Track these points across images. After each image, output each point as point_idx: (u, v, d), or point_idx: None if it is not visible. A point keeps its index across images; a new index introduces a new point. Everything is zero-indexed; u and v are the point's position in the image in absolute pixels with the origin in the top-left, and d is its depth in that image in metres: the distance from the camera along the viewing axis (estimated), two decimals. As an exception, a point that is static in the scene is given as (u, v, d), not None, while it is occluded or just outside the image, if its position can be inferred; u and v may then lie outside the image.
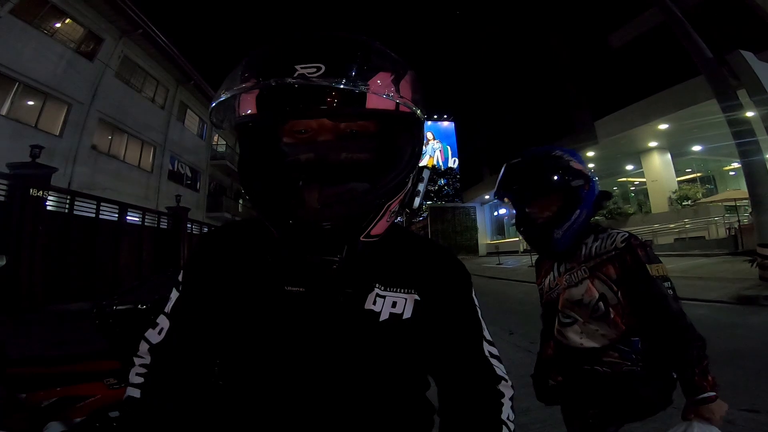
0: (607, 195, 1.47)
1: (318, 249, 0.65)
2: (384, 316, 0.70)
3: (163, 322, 0.76)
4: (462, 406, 0.76)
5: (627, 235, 1.34)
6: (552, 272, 1.49)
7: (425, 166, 0.75)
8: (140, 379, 0.74)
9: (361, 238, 0.67)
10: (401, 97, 0.64)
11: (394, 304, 0.71)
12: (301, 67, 0.57)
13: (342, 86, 0.57)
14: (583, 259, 1.37)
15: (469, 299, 0.81)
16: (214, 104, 0.64)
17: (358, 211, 0.64)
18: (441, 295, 0.76)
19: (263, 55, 0.64)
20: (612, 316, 1.31)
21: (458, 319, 0.78)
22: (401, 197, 0.70)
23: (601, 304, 1.32)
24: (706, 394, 1.17)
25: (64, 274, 8.23)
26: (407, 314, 0.71)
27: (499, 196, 1.50)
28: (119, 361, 2.18)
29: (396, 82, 0.65)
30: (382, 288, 0.72)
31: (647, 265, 1.28)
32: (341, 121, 0.65)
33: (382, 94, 0.61)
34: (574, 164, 1.38)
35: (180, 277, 0.79)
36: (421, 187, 0.74)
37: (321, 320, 0.69)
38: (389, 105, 0.63)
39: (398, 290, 0.72)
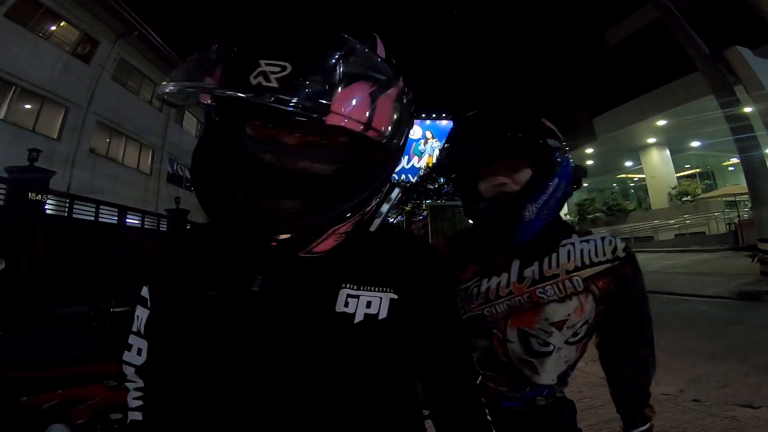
0: (582, 170, 1.12)
1: (248, 263, 0.63)
2: (359, 318, 0.64)
3: (138, 342, 0.74)
4: (453, 407, 0.74)
5: (623, 241, 1.06)
6: (507, 273, 1.06)
7: (397, 184, 0.70)
8: (139, 402, 0.73)
9: (301, 254, 0.64)
10: (369, 125, 0.56)
11: (368, 304, 0.65)
12: (266, 63, 0.51)
13: (292, 107, 0.50)
14: (575, 267, 1.03)
15: (450, 292, 0.78)
16: (159, 92, 0.56)
17: (299, 233, 0.60)
18: (420, 291, 0.70)
19: (228, 41, 0.57)
20: (586, 340, 1.05)
21: (440, 315, 0.74)
22: (357, 219, 0.65)
23: (585, 326, 1.03)
24: (650, 423, 1.04)
25: (64, 278, 8.23)
26: (383, 314, 0.65)
27: (449, 168, 1.10)
28: (118, 364, 2.18)
29: (375, 96, 0.57)
30: (354, 287, 0.66)
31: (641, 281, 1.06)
32: (299, 132, 0.59)
33: (341, 120, 0.54)
34: (547, 123, 1.05)
35: (145, 293, 0.75)
36: (384, 208, 0.68)
37: (275, 327, 0.63)
38: (355, 126, 0.55)
39: (372, 289, 0.66)
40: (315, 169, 0.60)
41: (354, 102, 0.55)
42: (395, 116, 0.61)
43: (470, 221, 1.12)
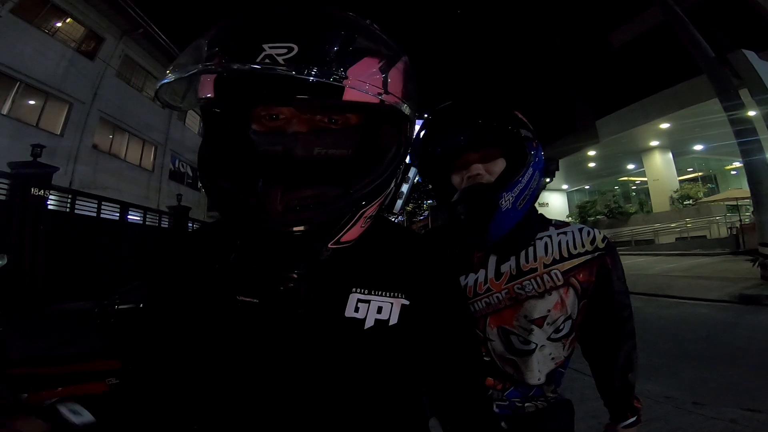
0: (555, 163, 1.11)
1: (275, 261, 0.59)
2: (369, 323, 0.61)
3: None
4: (463, 415, 0.70)
5: (602, 232, 1.06)
6: (484, 269, 1.02)
7: (412, 164, 0.67)
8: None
9: (330, 245, 0.60)
10: (386, 91, 0.56)
11: (379, 310, 0.62)
12: (270, 47, 0.48)
13: (313, 77, 0.48)
14: (553, 260, 1.00)
15: (461, 298, 0.74)
16: (159, 84, 0.54)
17: (326, 219, 0.57)
18: (431, 297, 0.67)
19: (227, 28, 0.55)
20: (573, 335, 1.02)
21: (452, 322, 0.70)
22: (380, 201, 0.63)
23: (568, 322, 1.00)
24: (636, 416, 1.05)
25: (65, 274, 8.25)
26: (393, 320, 0.62)
27: (423, 160, 1.02)
28: (120, 361, 2.19)
29: (384, 70, 0.56)
30: (365, 291, 0.63)
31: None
32: (314, 113, 0.57)
33: (362, 86, 0.53)
34: (519, 114, 1.03)
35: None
36: (404, 188, 0.67)
37: (279, 334, 0.60)
38: (372, 97, 0.54)
39: (383, 293, 0.63)
40: (332, 153, 0.57)
41: (366, 75, 0.54)
42: (406, 86, 0.60)
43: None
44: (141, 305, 2.47)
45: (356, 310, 0.62)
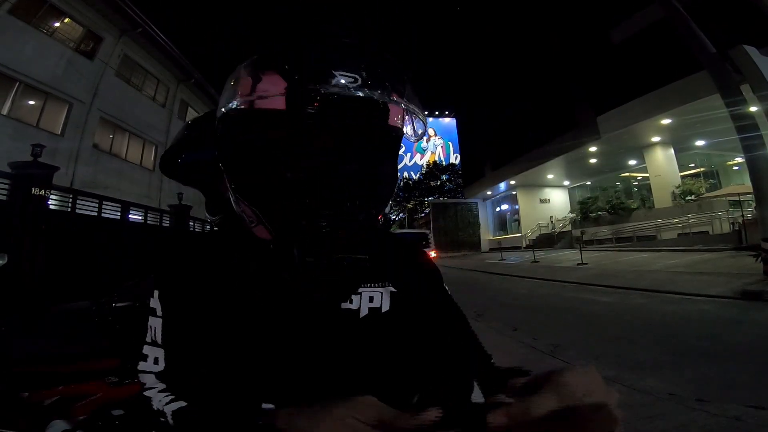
0: None
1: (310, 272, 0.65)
2: (364, 312, 0.69)
3: (155, 351, 0.70)
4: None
5: None
6: None
7: None
8: (170, 396, 0.66)
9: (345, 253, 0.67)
10: (405, 121, 0.68)
11: (371, 299, 0.70)
12: (340, 74, 0.56)
13: (388, 101, 0.60)
14: None
15: (443, 289, 0.81)
16: (240, 105, 0.60)
17: (363, 233, 0.65)
18: (416, 284, 0.75)
19: (294, 53, 0.61)
20: None
21: (440, 304, 0.78)
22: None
23: None
24: None
25: (66, 273, 8.26)
26: (385, 307, 0.71)
27: None
28: (119, 359, 2.18)
29: (406, 103, 0.66)
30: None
31: None
32: (363, 135, 0.64)
33: (405, 113, 0.66)
34: None
35: (154, 303, 0.72)
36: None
37: (317, 332, 0.67)
38: (399, 122, 0.66)
39: (373, 285, 0.71)
40: (360, 169, 0.65)
41: (401, 104, 0.63)
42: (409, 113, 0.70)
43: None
44: (138, 303, 2.46)
45: (350, 301, 0.69)
